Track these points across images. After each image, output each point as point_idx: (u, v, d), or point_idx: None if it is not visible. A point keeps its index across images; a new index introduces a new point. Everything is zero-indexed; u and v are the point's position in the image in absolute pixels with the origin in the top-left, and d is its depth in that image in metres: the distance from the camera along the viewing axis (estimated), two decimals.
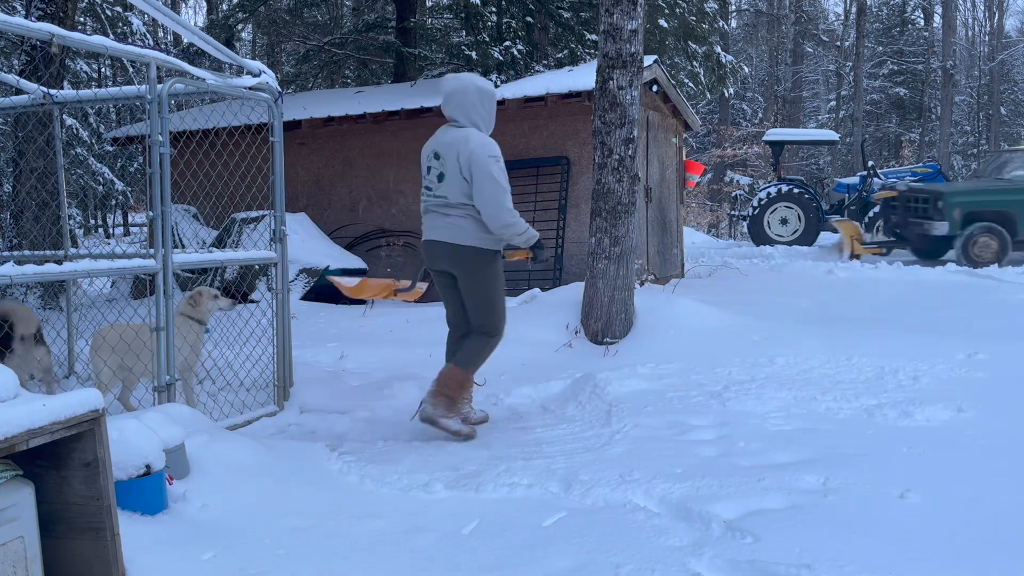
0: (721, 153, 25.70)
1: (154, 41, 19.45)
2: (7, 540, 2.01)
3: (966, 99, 35.90)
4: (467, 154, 3.79)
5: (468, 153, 3.79)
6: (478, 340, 4.03)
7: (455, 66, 13.52)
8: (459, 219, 3.89)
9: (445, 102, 3.97)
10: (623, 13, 5.75)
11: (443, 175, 3.89)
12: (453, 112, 3.95)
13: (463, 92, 3.92)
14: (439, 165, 3.90)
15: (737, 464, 3.32)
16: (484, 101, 3.97)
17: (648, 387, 4.67)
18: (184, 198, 8.88)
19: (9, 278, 3.01)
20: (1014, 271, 9.85)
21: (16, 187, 8.51)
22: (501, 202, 3.79)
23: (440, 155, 3.90)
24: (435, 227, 3.98)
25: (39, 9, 8.43)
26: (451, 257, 3.95)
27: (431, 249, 4.03)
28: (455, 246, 3.91)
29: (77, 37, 3.51)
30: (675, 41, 14.15)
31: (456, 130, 3.92)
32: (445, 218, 3.92)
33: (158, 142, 3.66)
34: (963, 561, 2.39)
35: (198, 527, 2.70)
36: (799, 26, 32.46)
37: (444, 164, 3.88)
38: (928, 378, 4.57)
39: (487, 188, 3.78)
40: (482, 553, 2.59)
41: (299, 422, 4.36)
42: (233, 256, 4.60)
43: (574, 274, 8.49)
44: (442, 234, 3.93)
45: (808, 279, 9.68)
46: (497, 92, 8.91)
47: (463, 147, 3.81)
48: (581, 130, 8.75)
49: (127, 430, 2.66)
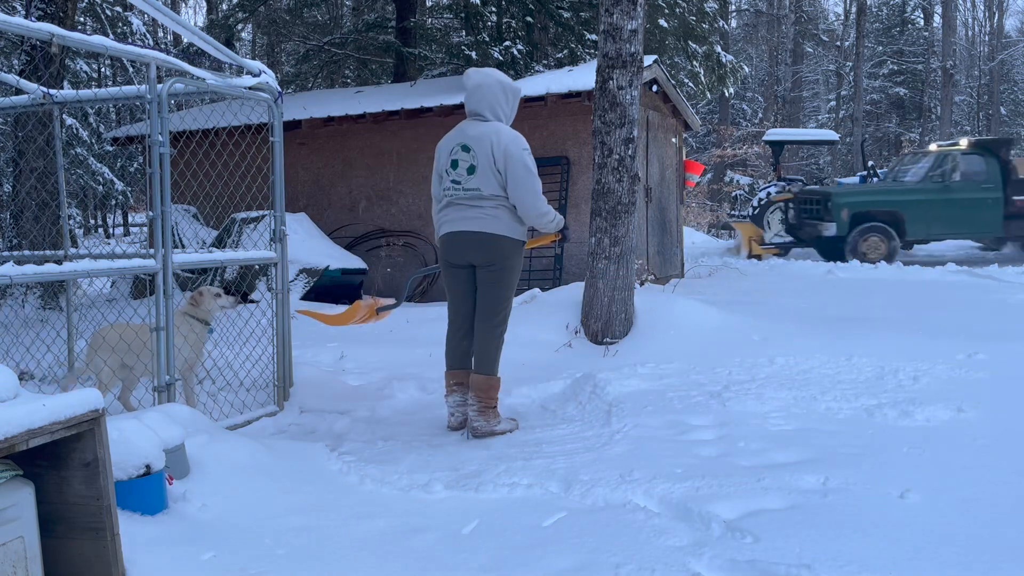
0: (721, 153, 25.69)
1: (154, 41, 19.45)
2: (7, 540, 2.01)
3: (966, 99, 35.91)
4: (501, 148, 3.83)
5: (503, 147, 3.83)
6: (489, 337, 4.02)
7: (455, 66, 13.53)
8: (493, 210, 3.90)
9: (469, 96, 3.98)
10: (623, 13, 5.75)
11: (474, 167, 3.88)
12: (477, 106, 3.96)
13: (488, 86, 3.95)
14: (469, 158, 3.89)
15: (737, 464, 3.32)
16: (508, 95, 4.01)
17: (648, 387, 4.67)
18: (184, 198, 8.88)
19: (9, 278, 3.00)
20: (1014, 271, 9.86)
21: (16, 187, 8.51)
22: (538, 193, 3.91)
23: (470, 148, 3.89)
24: (464, 218, 3.93)
25: (39, 9, 8.43)
26: (483, 246, 3.93)
27: (458, 240, 3.96)
28: (490, 235, 3.91)
29: (77, 37, 3.51)
30: (675, 41, 14.16)
31: (483, 124, 3.93)
32: (477, 209, 3.91)
33: (158, 142, 3.66)
34: (963, 561, 2.39)
35: (198, 527, 2.69)
36: (799, 26, 32.47)
37: (475, 157, 3.88)
38: (928, 378, 4.57)
39: (525, 180, 3.86)
40: (482, 553, 2.59)
41: (299, 422, 4.35)
42: (233, 256, 4.60)
43: (574, 274, 8.49)
44: (474, 224, 3.91)
45: (808, 279, 9.69)
46: None
47: (496, 140, 3.84)
48: (581, 130, 8.75)
49: (127, 430, 2.66)
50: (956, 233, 13.00)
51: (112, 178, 19.21)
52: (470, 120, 3.99)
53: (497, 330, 4.04)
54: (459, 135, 3.96)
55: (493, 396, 4.01)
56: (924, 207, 12.62)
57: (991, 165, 12.69)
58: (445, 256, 4.08)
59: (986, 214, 12.59)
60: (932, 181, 12.81)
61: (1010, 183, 12.51)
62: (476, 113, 3.97)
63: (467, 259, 3.99)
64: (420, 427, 4.16)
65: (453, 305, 4.15)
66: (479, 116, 3.97)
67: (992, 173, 12.65)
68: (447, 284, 4.14)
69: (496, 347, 4.05)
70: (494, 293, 4.00)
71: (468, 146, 3.90)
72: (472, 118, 3.99)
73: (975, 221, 12.68)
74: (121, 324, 4.38)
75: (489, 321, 4.02)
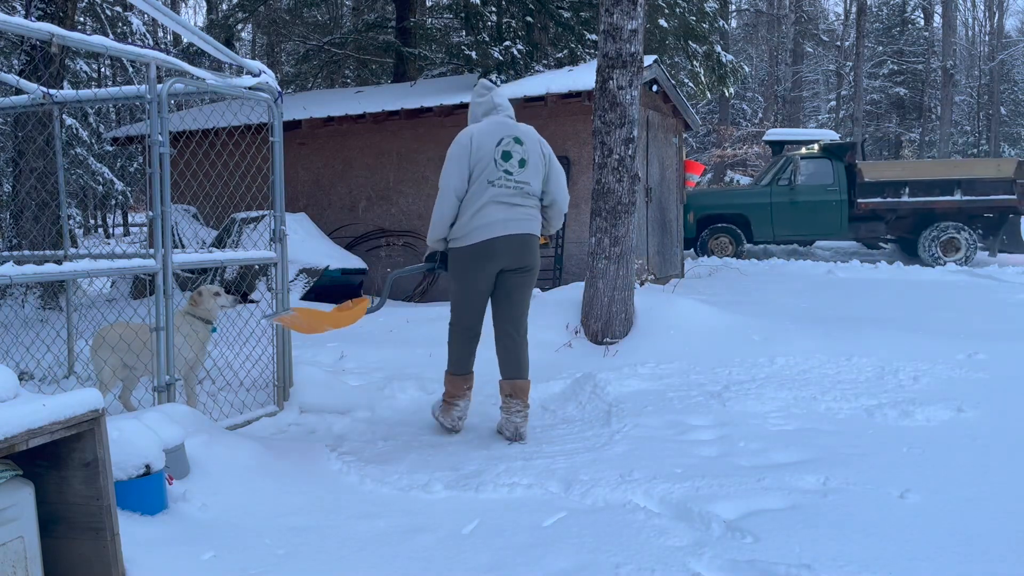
0: (721, 153, 25.68)
1: (154, 41, 19.45)
2: (7, 540, 2.01)
3: (966, 99, 35.90)
4: (545, 147, 3.92)
5: (545, 146, 3.93)
6: (524, 342, 3.97)
7: (455, 66, 13.53)
8: (532, 210, 3.88)
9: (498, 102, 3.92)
10: (623, 13, 5.75)
11: (525, 161, 3.81)
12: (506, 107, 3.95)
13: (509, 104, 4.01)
14: (522, 151, 3.81)
15: (737, 464, 3.32)
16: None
17: (648, 387, 4.67)
18: (184, 198, 8.87)
19: (9, 278, 3.00)
20: (1014, 271, 9.86)
21: (16, 187, 8.51)
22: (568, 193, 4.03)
23: (523, 141, 3.83)
24: (514, 219, 3.77)
25: (39, 9, 8.43)
26: (530, 249, 3.85)
27: (513, 243, 3.77)
28: (534, 237, 3.88)
29: (77, 37, 3.50)
30: (675, 41, 14.15)
31: (520, 123, 3.93)
32: (522, 209, 3.81)
33: (158, 142, 3.66)
34: (963, 561, 2.39)
35: (198, 527, 2.69)
36: (799, 26, 32.46)
37: (527, 151, 3.82)
38: (928, 378, 4.57)
39: (564, 180, 3.98)
40: (482, 553, 2.59)
41: (299, 422, 4.35)
42: (233, 256, 4.59)
43: (574, 274, 8.49)
44: (524, 226, 3.81)
45: (808, 279, 9.69)
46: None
47: (539, 139, 3.91)
48: (581, 130, 8.75)
49: (127, 430, 2.66)
50: (802, 235, 13.54)
51: (112, 178, 19.21)
52: (506, 116, 3.91)
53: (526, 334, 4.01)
54: (506, 127, 3.83)
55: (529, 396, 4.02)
56: (768, 210, 13.26)
57: (837, 168, 13.10)
58: (490, 259, 3.78)
59: (830, 216, 13.06)
60: (778, 184, 13.35)
61: (856, 186, 12.89)
62: (501, 108, 3.93)
63: (520, 263, 3.83)
64: (420, 427, 4.16)
65: (477, 310, 3.93)
66: (505, 111, 3.94)
67: (838, 176, 13.05)
68: (478, 288, 3.86)
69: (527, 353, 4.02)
70: (527, 296, 3.96)
71: (521, 139, 3.82)
72: (503, 113, 3.92)
73: (819, 223, 13.15)
74: (121, 323, 4.38)
75: (523, 325, 3.96)
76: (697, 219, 13.37)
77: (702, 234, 13.43)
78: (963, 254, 12.48)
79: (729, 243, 13.42)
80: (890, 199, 12.78)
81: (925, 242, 12.63)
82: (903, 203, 12.74)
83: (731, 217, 13.46)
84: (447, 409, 4.03)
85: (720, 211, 13.54)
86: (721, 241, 13.44)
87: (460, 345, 3.99)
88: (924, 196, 12.67)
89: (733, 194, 14.25)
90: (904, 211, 12.79)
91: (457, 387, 4.00)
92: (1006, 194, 12.45)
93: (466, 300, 3.91)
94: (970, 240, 12.52)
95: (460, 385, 4.00)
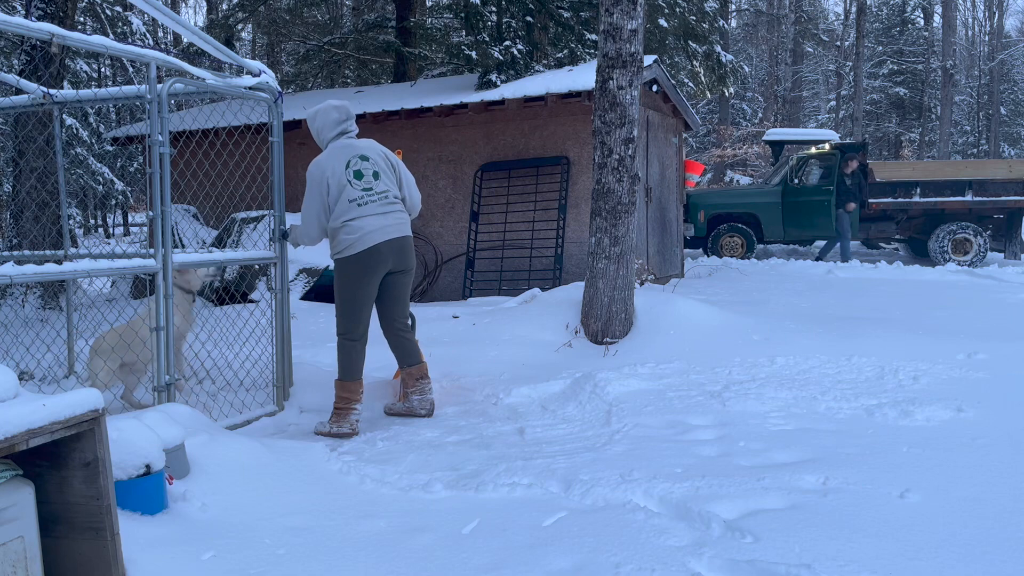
0: (721, 153, 25.69)
1: (154, 41, 19.44)
2: (7, 540, 2.01)
3: (966, 99, 35.91)
4: (389, 154, 4.31)
5: (389, 154, 4.31)
6: (412, 332, 4.50)
7: (455, 66, 13.53)
8: (402, 214, 4.28)
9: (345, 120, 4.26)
10: (623, 13, 5.75)
11: (377, 173, 4.20)
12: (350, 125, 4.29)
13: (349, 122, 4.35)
14: (370, 165, 4.19)
15: (737, 464, 3.32)
16: None
17: (648, 387, 4.67)
18: (184, 198, 8.87)
19: (9, 278, 3.01)
20: (1014, 271, 9.86)
21: (16, 187, 8.50)
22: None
23: (368, 156, 4.20)
24: (392, 225, 4.17)
25: (39, 9, 8.42)
26: (411, 251, 4.29)
27: (394, 246, 4.17)
28: (411, 239, 4.30)
29: (77, 37, 3.50)
30: (675, 41, 14.16)
31: (360, 139, 4.29)
32: (395, 214, 4.20)
33: (158, 142, 3.66)
34: (963, 561, 2.39)
35: (198, 527, 2.69)
36: (799, 26, 32.46)
37: (376, 164, 4.21)
38: (928, 378, 4.57)
39: (412, 181, 4.40)
40: (482, 553, 2.59)
41: (299, 422, 4.36)
42: (233, 256, 4.59)
43: (574, 274, 8.49)
44: (403, 229, 4.23)
45: (808, 279, 9.68)
46: (497, 92, 8.95)
47: (381, 148, 4.30)
48: (581, 130, 8.75)
49: (127, 430, 2.66)
50: (813, 234, 13.49)
51: (112, 178, 19.21)
52: (347, 138, 4.25)
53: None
54: (348, 150, 4.17)
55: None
56: (779, 209, 13.29)
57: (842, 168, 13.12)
58: (379, 262, 4.13)
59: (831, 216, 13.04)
60: (789, 184, 13.35)
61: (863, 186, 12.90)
62: (347, 132, 4.27)
63: (404, 264, 4.26)
64: (420, 427, 4.16)
65: (368, 315, 4.25)
66: (350, 134, 4.28)
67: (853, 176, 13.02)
68: (368, 293, 4.20)
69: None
70: (408, 294, 4.40)
71: (366, 155, 4.20)
72: (346, 136, 4.25)
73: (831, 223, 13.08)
74: (112, 332, 4.36)
75: (407, 319, 4.44)
76: (708, 218, 13.33)
77: (712, 233, 13.37)
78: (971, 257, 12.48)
79: (740, 244, 13.36)
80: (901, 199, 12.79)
81: (937, 241, 12.61)
82: (915, 203, 12.75)
83: (742, 216, 13.42)
84: (343, 415, 4.15)
85: (731, 210, 13.48)
86: (733, 240, 13.39)
87: (356, 353, 4.26)
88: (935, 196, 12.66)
89: (744, 193, 14.14)
90: (915, 211, 12.81)
91: (355, 392, 4.22)
92: (1018, 195, 12.47)
93: (357, 307, 4.20)
94: (982, 243, 12.52)
95: (356, 389, 4.23)
